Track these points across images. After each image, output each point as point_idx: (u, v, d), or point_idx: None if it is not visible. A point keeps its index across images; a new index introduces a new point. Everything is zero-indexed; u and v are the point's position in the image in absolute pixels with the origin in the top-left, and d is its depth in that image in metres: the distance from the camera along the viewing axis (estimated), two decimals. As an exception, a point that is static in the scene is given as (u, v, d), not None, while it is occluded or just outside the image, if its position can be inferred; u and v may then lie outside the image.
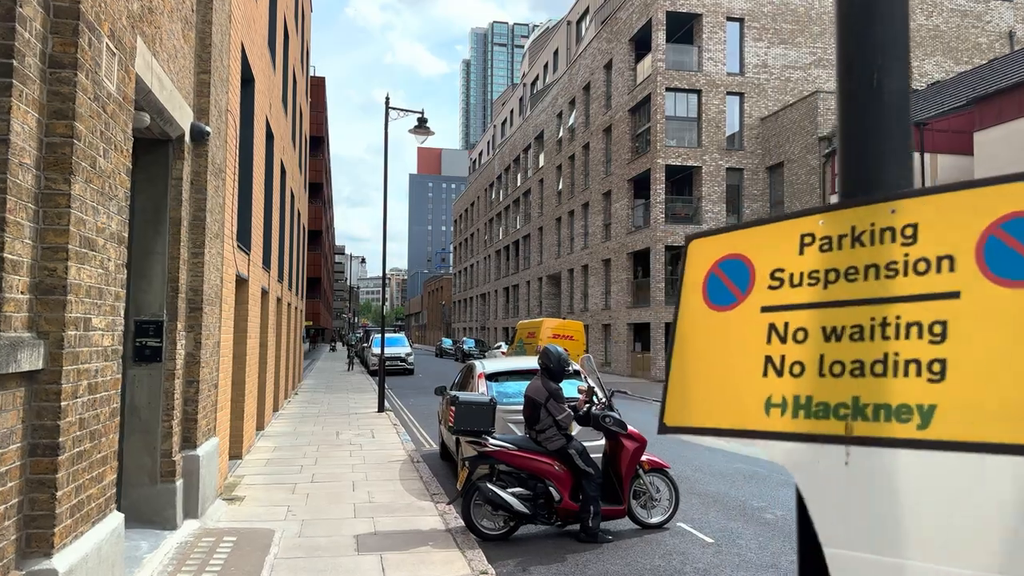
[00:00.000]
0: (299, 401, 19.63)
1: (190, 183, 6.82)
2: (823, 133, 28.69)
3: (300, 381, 26.29)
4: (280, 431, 13.69)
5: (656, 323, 31.34)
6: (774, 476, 9.99)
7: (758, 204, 32.56)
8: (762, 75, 32.90)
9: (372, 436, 13.06)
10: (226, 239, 8.07)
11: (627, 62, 35.34)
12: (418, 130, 17.29)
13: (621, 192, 35.54)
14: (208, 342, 7.21)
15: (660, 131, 31.68)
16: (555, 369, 7.12)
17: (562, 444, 6.96)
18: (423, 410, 18.57)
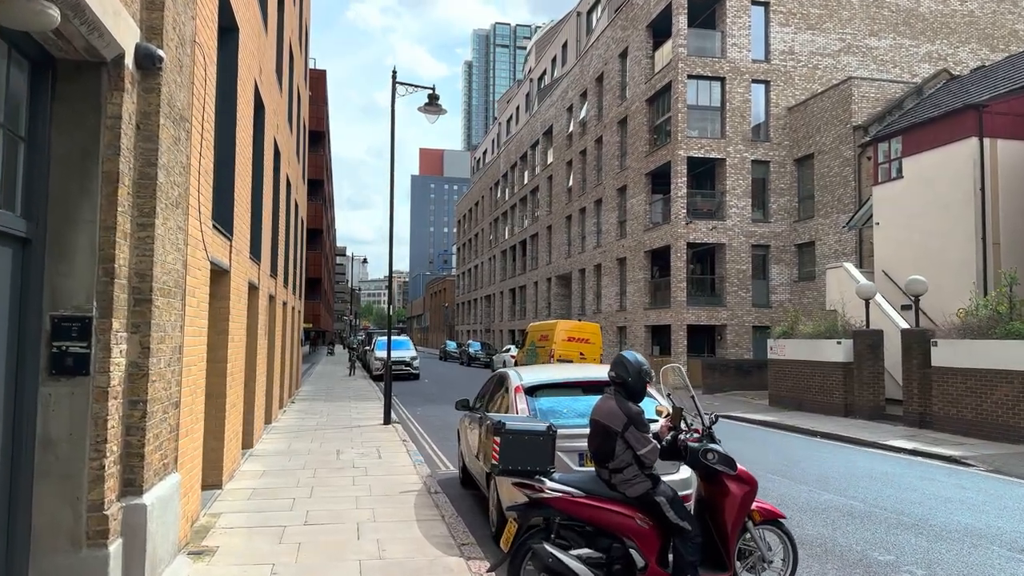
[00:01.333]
0: (296, 411, 17.74)
1: (135, 127, 4.93)
2: (858, 122, 26.81)
3: (298, 388, 24.39)
4: (272, 449, 11.79)
5: (677, 325, 29.44)
6: (877, 513, 8.09)
7: (785, 199, 30.66)
8: (789, 62, 31.01)
9: (378, 456, 11.16)
10: (192, 212, 6.18)
11: (644, 50, 33.47)
12: (428, 108, 15.41)
13: (638, 187, 33.65)
14: (162, 347, 5.32)
15: (681, 120, 29.79)
16: (634, 384, 5.22)
17: (646, 489, 5.06)
18: (434, 422, 16.67)
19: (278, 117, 14.53)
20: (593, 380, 7.30)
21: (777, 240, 30.46)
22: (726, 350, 29.65)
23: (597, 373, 7.59)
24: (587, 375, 7.51)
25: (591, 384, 7.24)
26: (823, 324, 19.87)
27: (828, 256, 27.91)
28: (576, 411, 6.89)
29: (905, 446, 13.56)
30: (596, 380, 7.29)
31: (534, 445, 5.07)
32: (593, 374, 7.56)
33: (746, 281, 30.06)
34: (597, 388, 7.21)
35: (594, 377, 7.38)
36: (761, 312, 30.11)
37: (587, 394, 7.14)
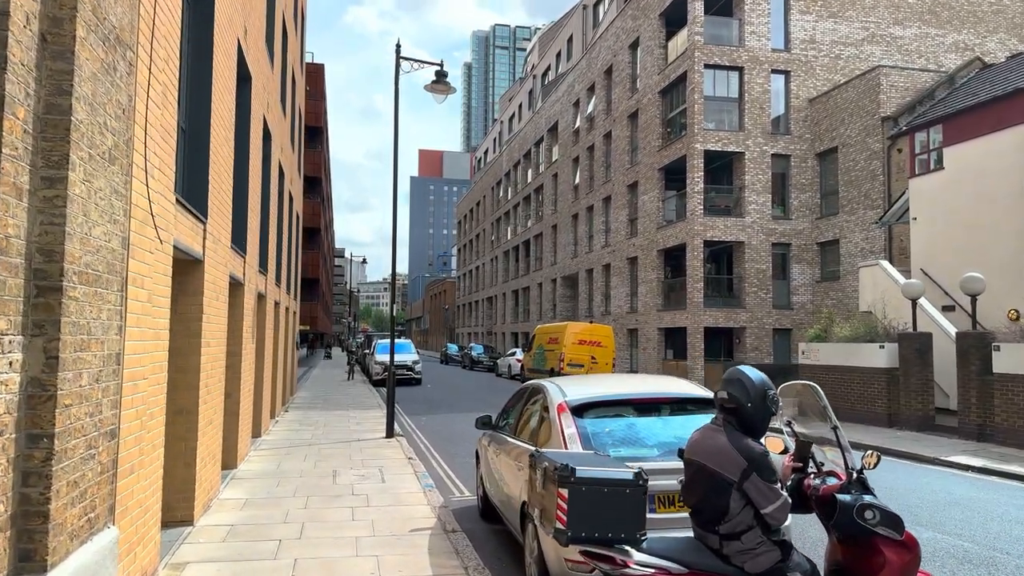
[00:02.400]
0: (289, 420, 16.19)
1: (36, 36, 3.39)
2: (887, 112, 25.31)
3: (293, 394, 22.83)
4: (258, 470, 10.23)
5: (693, 327, 27.91)
6: (1001, 559, 6.56)
7: (807, 195, 29.14)
8: (810, 51, 29.52)
9: (382, 479, 9.60)
10: (138, 176, 4.63)
11: (657, 39, 31.97)
12: (436, 86, 13.87)
13: (650, 183, 32.13)
14: (84, 356, 3.77)
15: (698, 112, 28.28)
16: (754, 413, 3.66)
17: (774, 561, 3.53)
18: (442, 432, 15.12)
19: (268, 94, 13.00)
20: (665, 397, 5.76)
21: (798, 238, 28.95)
22: (745, 354, 28.11)
23: (668, 387, 6.05)
24: (655, 390, 5.95)
25: (661, 402, 5.70)
26: (861, 327, 18.35)
27: (854, 255, 26.39)
28: (644, 438, 5.35)
29: (971, 463, 12.04)
30: (668, 397, 5.76)
31: (618, 501, 3.53)
32: (664, 388, 6.01)
33: (766, 281, 28.54)
34: (672, 408, 5.67)
35: (665, 393, 5.84)
36: (782, 314, 28.59)
37: (654, 414, 5.61)
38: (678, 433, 5.42)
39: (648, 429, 5.43)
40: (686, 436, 5.38)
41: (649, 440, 5.30)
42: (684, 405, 5.76)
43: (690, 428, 5.51)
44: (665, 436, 5.36)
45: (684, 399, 5.79)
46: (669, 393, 5.83)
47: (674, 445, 5.20)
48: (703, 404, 5.79)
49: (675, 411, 5.69)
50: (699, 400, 5.81)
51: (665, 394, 5.80)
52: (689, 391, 5.95)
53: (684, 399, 5.79)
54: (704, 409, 5.75)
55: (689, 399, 5.80)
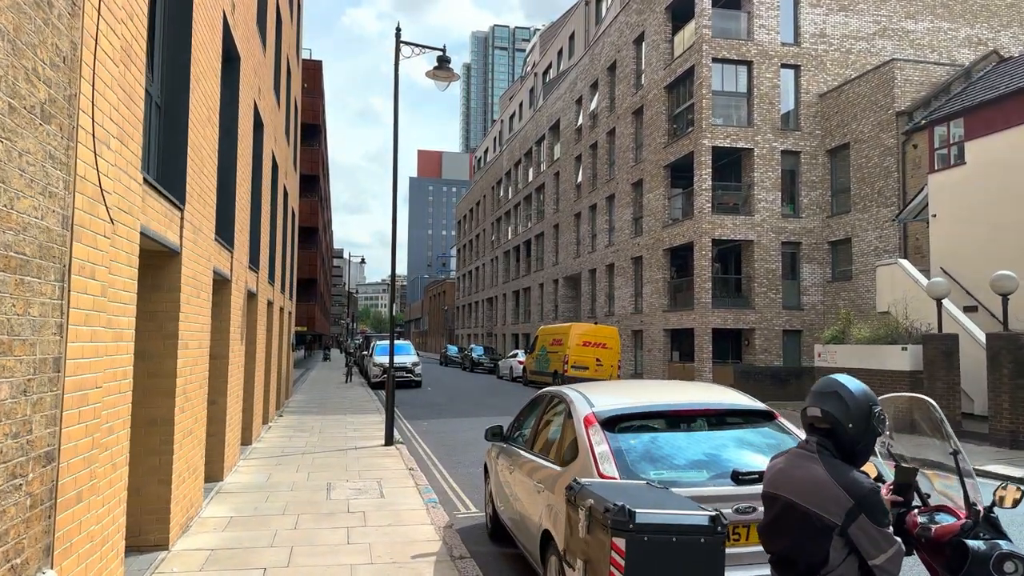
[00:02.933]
0: (283, 426, 15.38)
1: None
2: (901, 107, 24.55)
3: (288, 397, 22.02)
4: (246, 483, 9.43)
5: (701, 329, 27.12)
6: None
7: (817, 192, 28.37)
8: (820, 45, 28.77)
9: (380, 494, 8.80)
10: (85, 142, 3.83)
11: (663, 33, 31.21)
12: (438, 72, 13.06)
13: (655, 180, 31.35)
14: (7, 362, 2.98)
15: (706, 107, 27.51)
16: (858, 434, 2.85)
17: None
18: (444, 440, 14.31)
19: (260, 80, 12.21)
20: (710, 408, 4.96)
21: (809, 237, 28.18)
22: (754, 356, 27.34)
23: (711, 396, 5.24)
24: (697, 399, 5.12)
25: (705, 414, 4.90)
26: (882, 328, 17.58)
27: (867, 254, 25.62)
28: (689, 458, 4.55)
29: (1010, 473, 11.26)
30: (714, 408, 4.96)
31: (691, 553, 2.75)
32: (706, 398, 5.19)
33: (776, 281, 27.76)
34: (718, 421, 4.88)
35: (710, 403, 5.03)
36: (792, 315, 27.81)
37: (698, 429, 4.81)
38: (728, 451, 4.63)
39: (693, 446, 4.64)
40: (738, 455, 4.61)
41: (695, 460, 4.51)
42: (732, 418, 4.98)
43: (743, 445, 4.74)
44: (714, 455, 4.57)
45: (732, 411, 5.00)
46: (714, 404, 5.03)
47: (726, 466, 4.43)
48: (754, 417, 5.01)
49: (722, 424, 4.90)
50: (750, 412, 5.03)
51: (710, 405, 5.00)
52: (737, 401, 5.16)
53: (732, 411, 5.00)
54: (755, 422, 4.97)
55: (738, 411, 5.01)
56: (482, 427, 16.50)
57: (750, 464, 4.45)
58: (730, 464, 4.44)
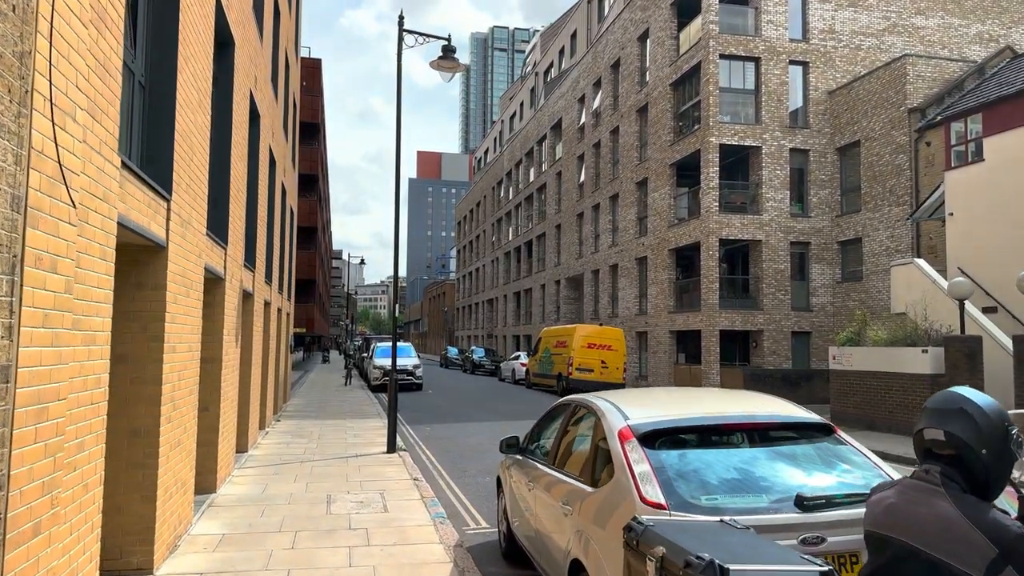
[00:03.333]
0: (281, 432, 14.79)
1: None
2: (913, 104, 24.01)
3: (287, 401, 21.43)
4: (241, 495, 8.84)
5: (708, 330, 26.54)
6: None
7: (826, 191, 27.82)
8: (829, 42, 28.24)
9: (384, 506, 8.21)
10: (41, 106, 3.25)
11: (668, 30, 30.66)
12: (442, 62, 12.49)
13: (661, 179, 30.79)
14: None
15: (713, 104, 26.96)
16: (993, 461, 2.29)
17: None
18: (448, 446, 13.73)
19: (257, 69, 11.64)
20: (762, 421, 4.38)
21: (818, 237, 27.62)
22: (763, 358, 26.77)
23: (760, 407, 4.65)
24: (745, 411, 4.50)
25: (756, 428, 4.33)
26: (900, 330, 17.02)
27: (878, 254, 25.08)
28: (745, 480, 3.96)
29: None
30: (767, 421, 4.38)
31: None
32: (755, 409, 4.58)
33: (784, 282, 27.20)
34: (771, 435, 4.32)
35: (761, 416, 4.44)
36: (801, 316, 27.25)
37: (750, 445, 4.23)
38: (786, 471, 4.06)
39: (745, 466, 4.06)
40: (798, 475, 4.03)
41: (750, 482, 3.93)
42: (784, 431, 4.40)
43: (802, 464, 4.15)
44: (771, 475, 3.99)
45: (786, 424, 4.43)
46: (765, 416, 4.45)
47: (787, 489, 3.85)
48: (809, 430, 4.43)
49: (774, 439, 4.32)
50: (805, 425, 4.45)
51: (760, 417, 4.42)
52: (790, 413, 4.59)
53: (786, 424, 4.43)
54: (812, 437, 4.40)
55: (792, 424, 4.44)
56: (488, 432, 16.04)
57: (814, 487, 3.88)
58: (791, 486, 3.86)
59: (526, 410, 21.15)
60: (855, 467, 4.13)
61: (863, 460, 4.20)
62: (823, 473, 4.07)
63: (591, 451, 4.67)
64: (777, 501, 3.78)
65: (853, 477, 4.04)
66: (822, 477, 4.03)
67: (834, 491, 3.86)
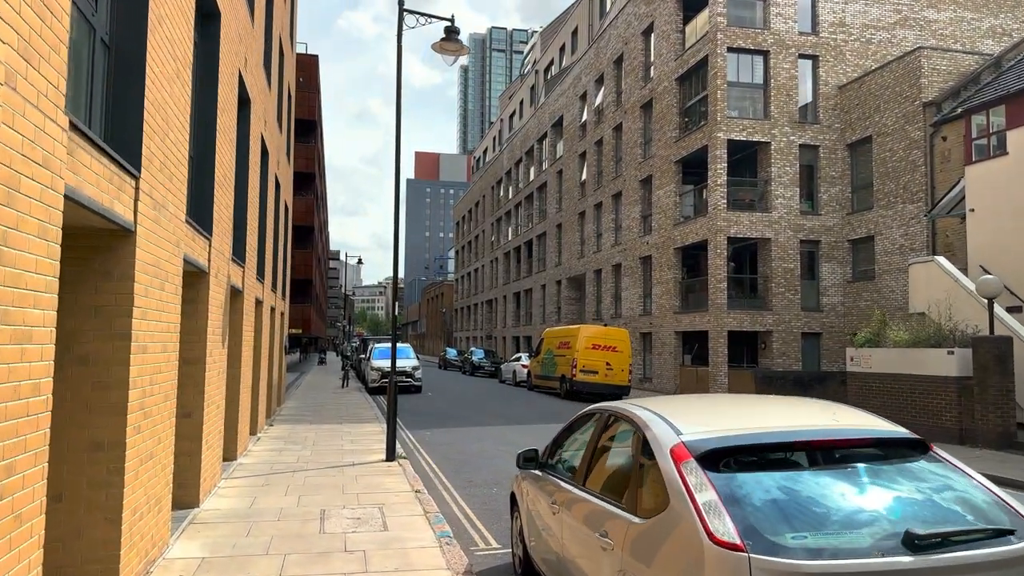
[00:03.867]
0: (273, 438, 14.00)
1: None
2: (928, 98, 23.30)
3: (281, 404, 20.63)
4: (226, 510, 8.06)
5: (715, 331, 25.80)
6: None
7: (836, 188, 27.10)
8: (839, 35, 27.53)
9: (383, 523, 7.43)
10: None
11: (673, 23, 29.94)
12: (445, 44, 11.73)
13: (666, 177, 30.05)
14: None
15: (720, 99, 26.23)
16: None
17: None
18: (451, 452, 12.94)
19: (247, 48, 10.85)
20: (851, 437, 3.61)
21: (828, 235, 26.90)
22: (772, 360, 26.03)
23: (849, 420, 3.89)
24: (828, 425, 3.71)
25: (842, 444, 3.56)
26: (922, 331, 16.28)
27: (891, 252, 24.35)
28: (835, 512, 3.19)
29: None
30: (855, 437, 3.62)
31: None
32: (844, 422, 3.81)
33: (794, 281, 26.46)
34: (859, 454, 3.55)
35: (853, 431, 3.68)
36: (811, 316, 26.52)
37: (835, 466, 3.46)
38: (884, 500, 3.28)
39: (833, 493, 3.28)
40: (902, 506, 3.24)
41: (846, 515, 3.15)
42: (871, 448, 3.64)
43: (901, 490, 3.39)
44: (867, 506, 3.22)
45: (876, 439, 3.66)
46: (853, 431, 3.68)
47: (891, 524, 3.09)
48: (901, 447, 3.66)
49: (860, 459, 3.55)
50: (897, 441, 3.68)
51: (847, 432, 3.65)
52: (877, 426, 3.83)
53: (876, 439, 3.66)
54: (905, 456, 3.62)
55: (883, 439, 3.67)
56: (492, 438, 15.27)
57: (925, 520, 3.11)
58: (895, 521, 3.10)
59: (530, 414, 20.38)
60: (964, 493, 3.36)
61: (971, 483, 3.44)
62: (928, 502, 3.29)
63: (633, 472, 3.89)
64: (882, 539, 3.01)
65: (965, 507, 3.28)
66: (929, 507, 3.25)
67: (949, 526, 3.10)
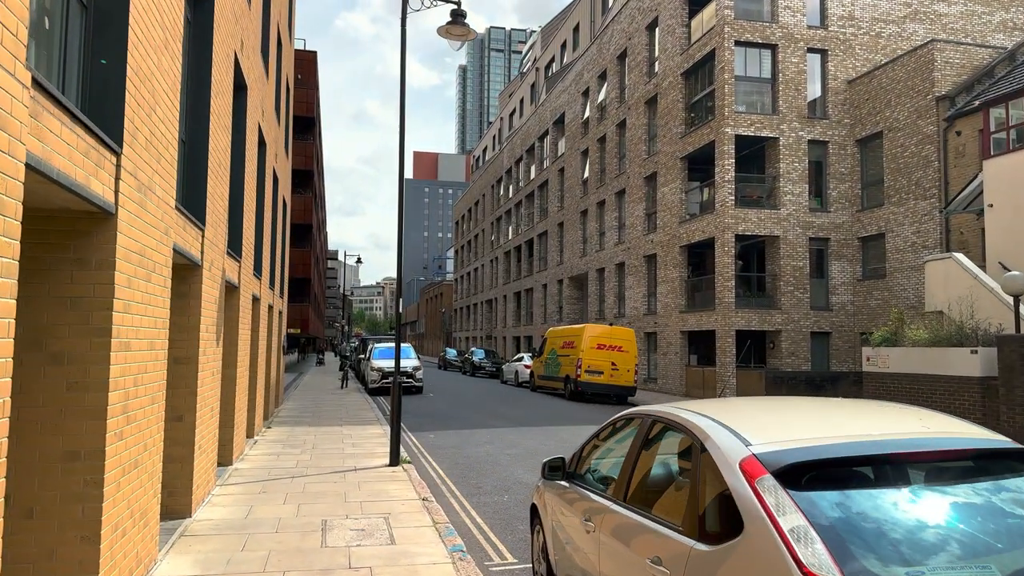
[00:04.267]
0: (271, 440, 13.43)
1: None
2: (942, 92, 22.78)
3: (279, 405, 20.06)
4: (219, 521, 7.50)
5: (723, 330, 25.26)
6: None
7: (846, 185, 26.58)
8: (848, 29, 27.01)
9: (390, 536, 6.87)
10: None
11: (679, 17, 29.41)
12: (451, 28, 11.17)
13: (671, 173, 29.52)
14: None
15: (728, 93, 25.69)
16: None
17: None
18: (458, 456, 12.38)
19: (242, 30, 10.29)
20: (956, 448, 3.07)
21: (838, 232, 26.37)
22: (780, 360, 25.49)
23: (947, 428, 3.34)
24: (927, 434, 3.15)
25: (944, 457, 3.02)
26: (943, 330, 15.75)
27: (903, 250, 23.83)
28: (952, 538, 2.64)
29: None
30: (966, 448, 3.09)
31: None
32: (944, 430, 3.26)
33: (803, 280, 25.93)
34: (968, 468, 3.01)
35: (958, 441, 3.14)
36: (820, 316, 25.99)
37: (942, 483, 2.92)
38: (1005, 525, 2.73)
39: (947, 516, 2.74)
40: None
41: (964, 542, 2.61)
42: (977, 461, 3.09)
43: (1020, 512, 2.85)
44: (985, 532, 2.67)
45: (984, 451, 3.11)
46: (960, 441, 3.13)
47: (1018, 556, 2.53)
48: (1010, 459, 3.11)
49: (966, 475, 3.00)
50: (1004, 453, 3.13)
51: (954, 443, 3.11)
52: (984, 436, 3.27)
53: (984, 451, 3.11)
54: (1017, 469, 3.07)
55: (992, 452, 3.12)
56: (498, 441, 14.70)
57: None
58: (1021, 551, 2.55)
59: (535, 415, 19.83)
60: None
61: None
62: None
63: (692, 488, 3.33)
64: (1013, 575, 2.46)
65: None
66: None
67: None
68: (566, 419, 18.98)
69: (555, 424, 17.63)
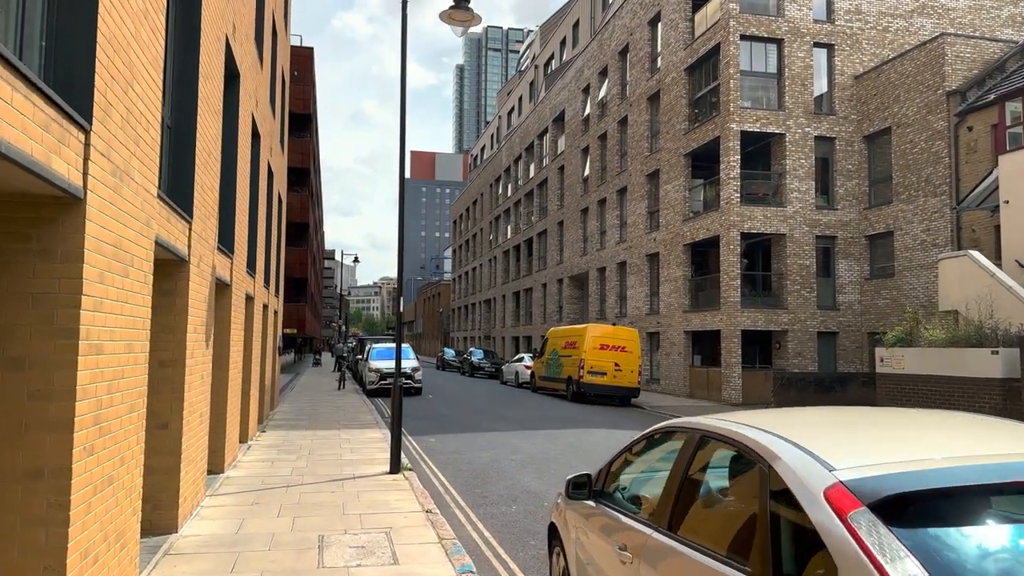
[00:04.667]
0: (266, 445, 12.88)
1: None
2: (953, 86, 22.30)
3: (275, 407, 19.50)
4: (208, 537, 6.94)
5: (728, 330, 24.75)
6: None
7: (853, 182, 26.09)
8: (855, 23, 26.52)
9: (392, 556, 6.33)
10: None
11: (682, 12, 28.90)
12: (454, 13, 10.63)
13: (674, 171, 29.01)
14: None
15: (733, 88, 25.18)
16: None
17: None
18: (461, 463, 11.83)
19: (235, 15, 9.73)
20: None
21: (844, 230, 25.88)
22: (787, 360, 24.99)
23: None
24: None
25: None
26: (961, 330, 15.26)
27: (913, 248, 23.35)
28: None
29: None
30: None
31: None
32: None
33: (810, 278, 25.44)
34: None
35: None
36: (827, 315, 25.50)
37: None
38: None
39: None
40: None
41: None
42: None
43: None
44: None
45: None
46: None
47: None
48: None
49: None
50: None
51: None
52: None
53: None
54: None
55: None
56: (502, 445, 14.13)
57: None
58: None
59: (537, 417, 19.31)
60: None
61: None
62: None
63: (760, 520, 2.79)
64: None
65: None
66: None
67: None
68: (570, 421, 18.45)
69: (559, 427, 17.10)
